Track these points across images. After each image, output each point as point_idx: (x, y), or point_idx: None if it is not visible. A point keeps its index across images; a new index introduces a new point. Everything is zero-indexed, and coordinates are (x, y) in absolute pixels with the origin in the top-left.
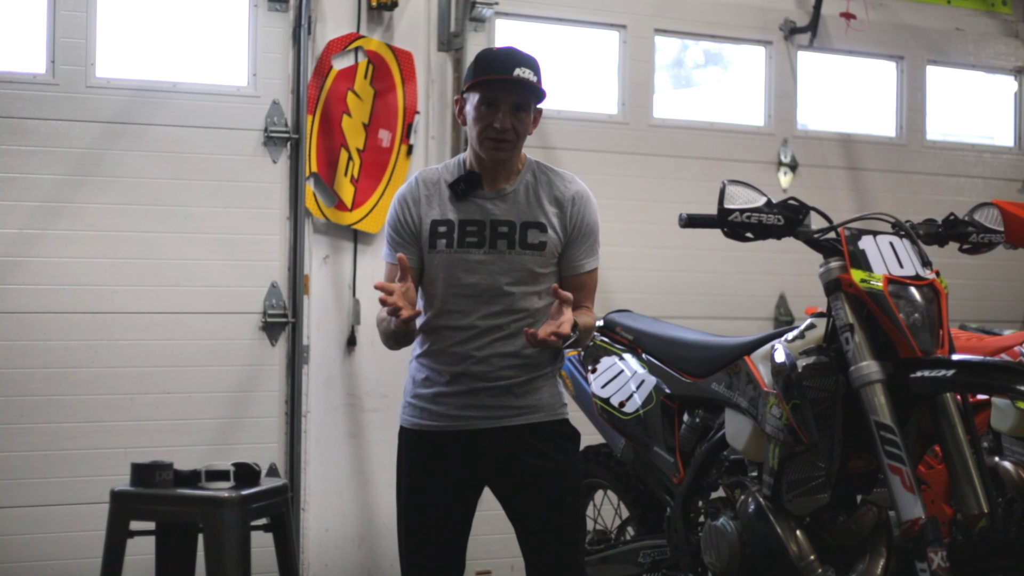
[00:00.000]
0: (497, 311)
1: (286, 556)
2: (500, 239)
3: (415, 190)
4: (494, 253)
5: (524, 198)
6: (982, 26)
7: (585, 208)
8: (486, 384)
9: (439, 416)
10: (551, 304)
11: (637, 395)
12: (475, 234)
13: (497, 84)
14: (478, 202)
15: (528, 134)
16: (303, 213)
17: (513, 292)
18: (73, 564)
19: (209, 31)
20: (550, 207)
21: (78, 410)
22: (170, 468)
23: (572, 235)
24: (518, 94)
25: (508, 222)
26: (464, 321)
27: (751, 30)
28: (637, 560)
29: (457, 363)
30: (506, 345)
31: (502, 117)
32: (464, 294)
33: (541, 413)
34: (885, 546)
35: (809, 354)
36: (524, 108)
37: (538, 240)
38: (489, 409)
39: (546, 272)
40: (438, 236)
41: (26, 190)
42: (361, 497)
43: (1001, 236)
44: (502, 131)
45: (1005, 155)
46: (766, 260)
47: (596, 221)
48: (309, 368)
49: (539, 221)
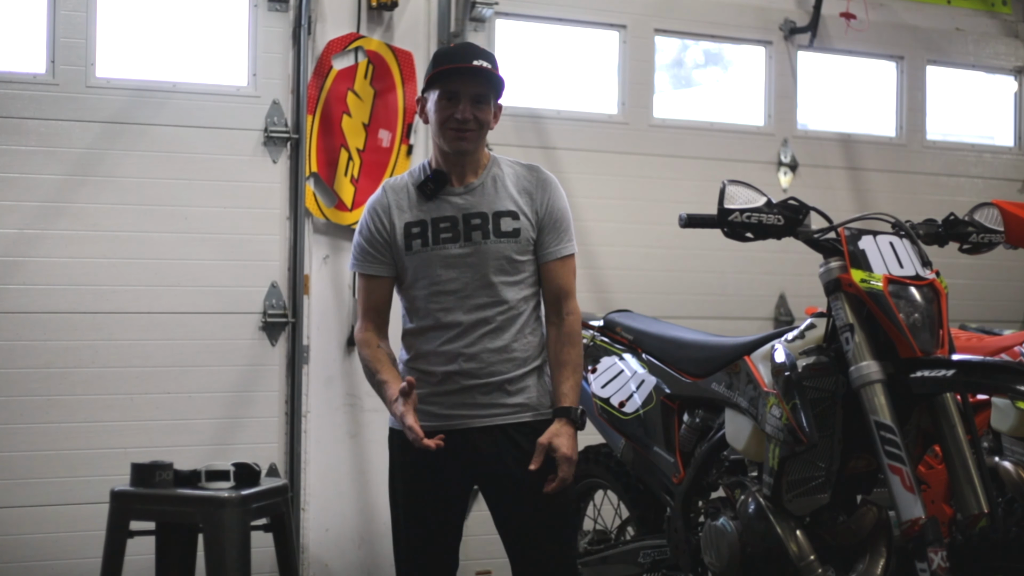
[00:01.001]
0: (481, 303)
1: (286, 556)
2: (475, 231)
3: (383, 198)
4: (470, 245)
5: (492, 189)
6: (982, 26)
7: (552, 194)
8: (478, 381)
9: (430, 416)
10: (533, 295)
11: (637, 395)
12: (449, 229)
13: (456, 75)
14: (448, 199)
15: (490, 127)
16: (303, 213)
17: (494, 282)
18: (73, 564)
19: (209, 31)
20: (519, 196)
21: (78, 410)
22: (170, 468)
23: (543, 221)
24: (477, 85)
25: (480, 213)
26: (449, 318)
27: (751, 30)
28: (637, 560)
29: (448, 362)
30: (494, 340)
31: (463, 108)
32: (446, 290)
33: (531, 412)
34: (885, 546)
35: (809, 354)
36: (484, 99)
37: (512, 227)
38: (481, 408)
39: (524, 260)
40: (412, 237)
41: (26, 190)
42: (361, 497)
43: (1001, 236)
44: (463, 121)
45: (1005, 155)
46: (766, 260)
47: (565, 207)
48: (309, 368)
49: (510, 209)
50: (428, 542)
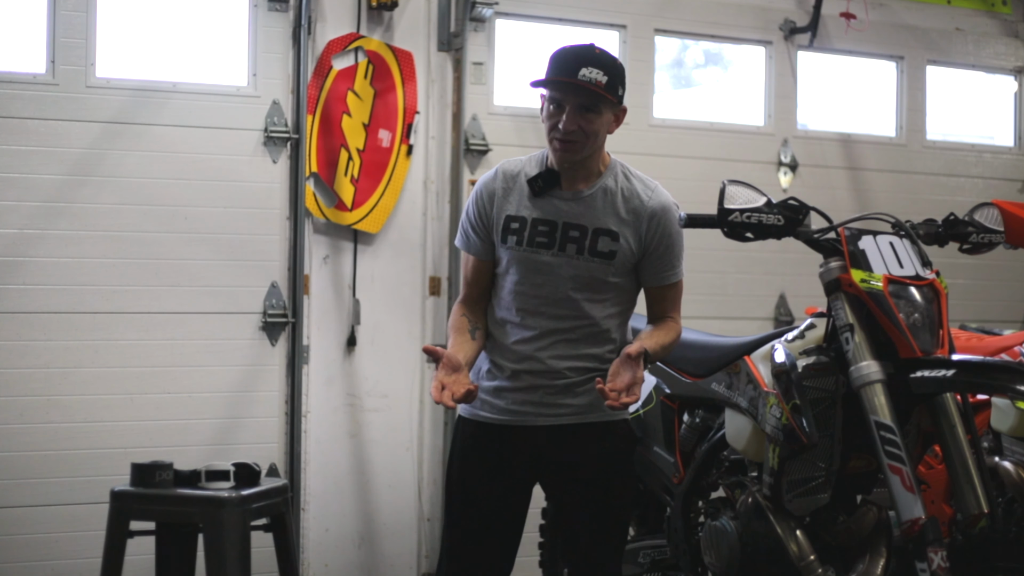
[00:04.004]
0: (562, 315)
1: (286, 556)
2: (570, 243)
3: (493, 183)
4: (563, 256)
5: (600, 203)
6: (982, 26)
7: (666, 222)
8: (546, 382)
9: (499, 410)
10: (619, 313)
11: None
12: (546, 235)
13: (560, 85)
14: (554, 202)
15: (605, 133)
16: (303, 213)
17: (577, 298)
18: (73, 564)
19: (209, 31)
20: (627, 216)
21: (78, 410)
22: (170, 468)
23: (651, 249)
24: (582, 96)
25: (580, 226)
26: (529, 320)
27: (751, 30)
28: (637, 560)
29: (519, 361)
30: (569, 349)
31: (567, 119)
32: (530, 293)
33: (598, 412)
34: (885, 546)
35: (809, 354)
36: (592, 109)
37: (608, 249)
38: (547, 407)
39: (615, 281)
40: (510, 232)
41: (26, 190)
42: (361, 497)
43: (1001, 236)
44: (566, 133)
45: (1005, 155)
46: (766, 260)
47: (678, 233)
48: (309, 368)
49: (611, 229)
50: (481, 534)
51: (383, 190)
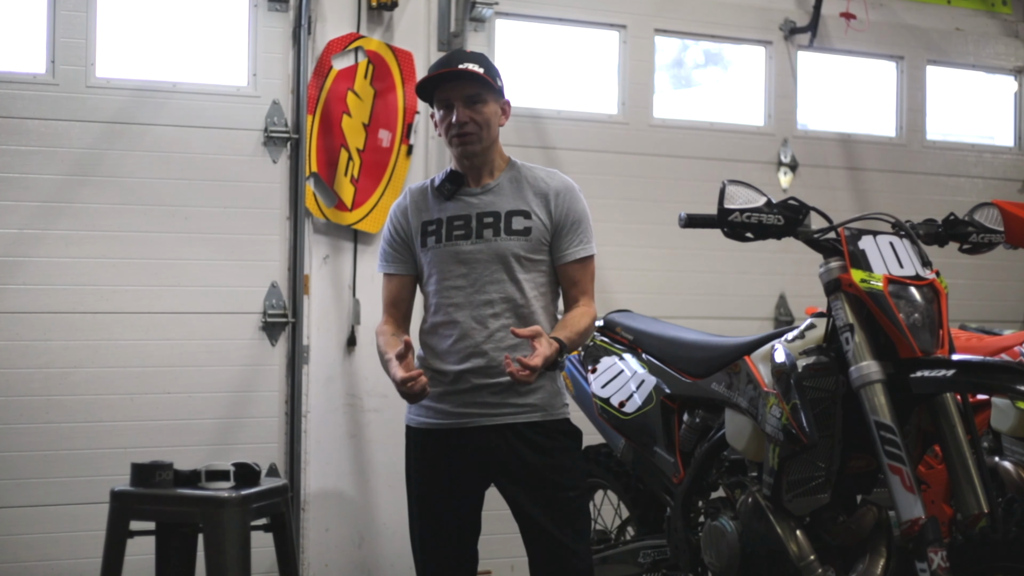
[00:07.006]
0: (489, 299)
1: (286, 556)
2: (486, 228)
3: (404, 202)
4: (481, 242)
5: (508, 190)
6: (982, 26)
7: (570, 199)
8: (489, 380)
9: (444, 414)
10: (543, 295)
11: (637, 395)
12: (462, 227)
13: (441, 81)
14: (465, 199)
15: (496, 124)
16: (303, 213)
17: (503, 279)
18: (73, 564)
19: (209, 31)
20: (534, 197)
21: (78, 410)
22: (170, 468)
23: (559, 225)
24: (466, 87)
25: (493, 212)
26: (459, 314)
27: (751, 30)
28: (637, 560)
29: (460, 361)
30: (505, 339)
31: (458, 113)
32: (456, 286)
33: (542, 412)
34: (885, 546)
35: (809, 354)
36: (478, 99)
37: (523, 226)
38: (492, 407)
39: (535, 259)
40: (428, 234)
41: (26, 190)
42: (361, 497)
43: (1001, 236)
44: (461, 125)
45: (1005, 155)
46: (766, 260)
47: (583, 210)
48: (309, 368)
49: (523, 209)
50: (442, 537)
51: (383, 190)
